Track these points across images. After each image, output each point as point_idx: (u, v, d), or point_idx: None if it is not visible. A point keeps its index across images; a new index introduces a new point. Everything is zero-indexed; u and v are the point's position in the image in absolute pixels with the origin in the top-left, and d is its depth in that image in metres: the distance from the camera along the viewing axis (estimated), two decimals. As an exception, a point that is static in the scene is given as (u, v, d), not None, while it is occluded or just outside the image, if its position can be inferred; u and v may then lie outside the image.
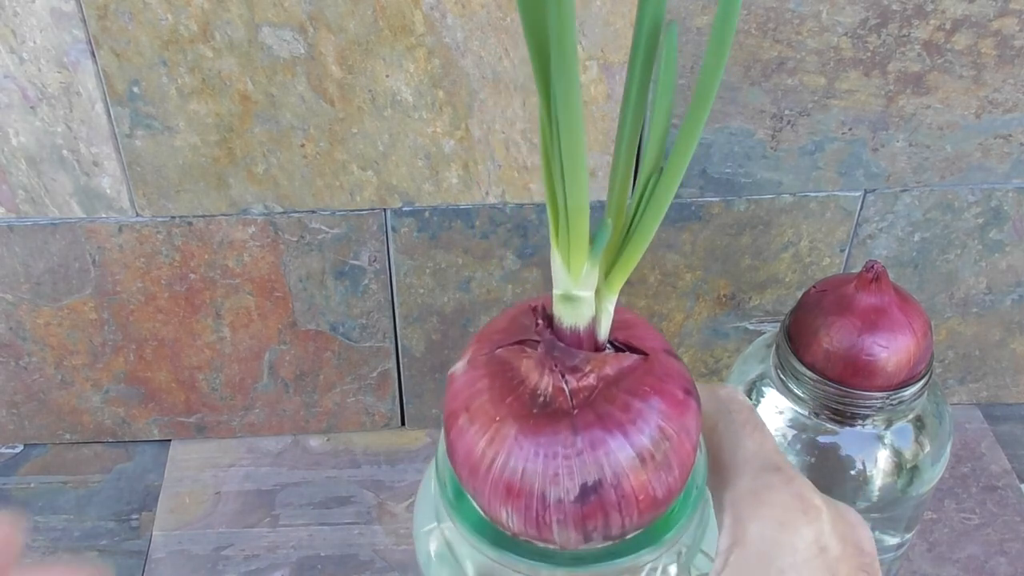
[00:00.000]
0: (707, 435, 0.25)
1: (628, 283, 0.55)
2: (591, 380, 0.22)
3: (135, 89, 0.46)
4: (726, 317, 0.57)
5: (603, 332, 0.23)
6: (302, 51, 0.45)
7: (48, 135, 0.47)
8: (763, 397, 0.45)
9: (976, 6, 0.46)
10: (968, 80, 0.48)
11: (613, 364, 0.22)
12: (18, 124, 0.47)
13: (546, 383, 0.22)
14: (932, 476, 0.44)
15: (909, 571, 0.53)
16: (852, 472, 0.43)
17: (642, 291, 0.55)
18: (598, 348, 0.23)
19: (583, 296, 0.22)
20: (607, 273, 0.23)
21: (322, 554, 0.55)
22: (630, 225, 0.22)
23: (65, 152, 0.48)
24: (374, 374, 0.58)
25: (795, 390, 0.43)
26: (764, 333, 0.53)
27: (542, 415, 0.22)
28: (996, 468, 0.59)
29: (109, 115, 0.47)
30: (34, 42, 0.45)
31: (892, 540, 0.46)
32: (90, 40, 0.45)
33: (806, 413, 0.43)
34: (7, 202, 0.50)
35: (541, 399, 0.22)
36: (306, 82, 0.46)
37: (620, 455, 0.21)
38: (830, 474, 0.44)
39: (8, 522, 0.20)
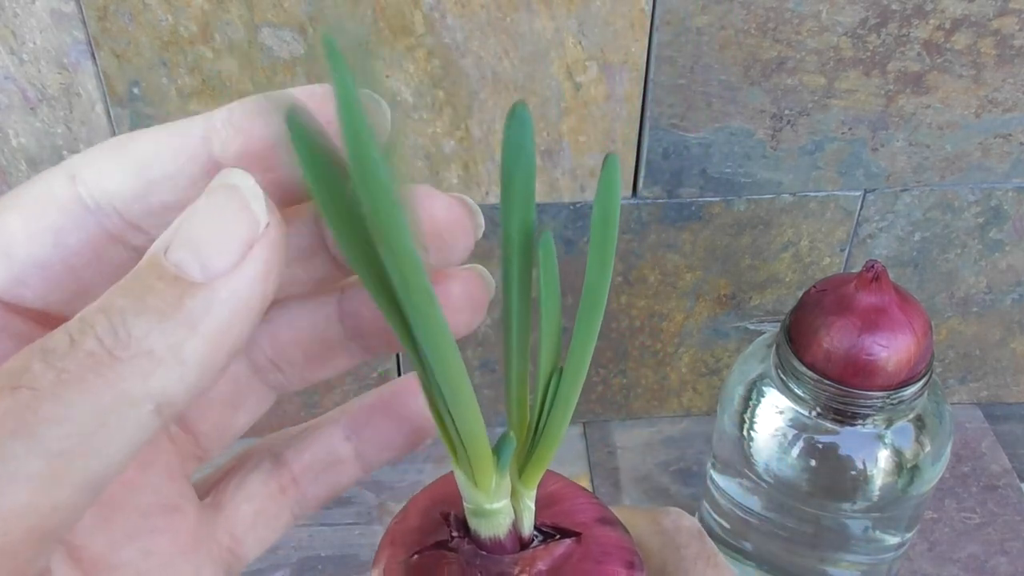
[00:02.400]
0: None
1: (628, 283, 0.55)
2: None
3: (135, 90, 0.46)
4: (726, 317, 0.57)
5: (527, 528, 0.21)
6: (302, 52, 0.45)
7: (48, 136, 0.47)
8: (763, 397, 0.45)
9: (976, 5, 0.46)
10: (968, 80, 0.48)
11: (544, 558, 0.21)
12: (18, 125, 0.47)
13: None
14: (932, 475, 0.44)
15: (910, 571, 0.53)
16: (852, 472, 0.43)
17: (642, 291, 0.55)
18: (524, 544, 0.21)
19: (497, 508, 0.20)
20: (521, 472, 0.21)
21: (322, 554, 0.55)
22: (536, 427, 0.20)
23: (65, 153, 0.48)
24: (374, 375, 0.58)
25: (795, 390, 0.43)
26: (764, 333, 0.53)
27: None
28: (996, 467, 0.59)
29: (109, 116, 0.47)
30: (34, 43, 0.45)
31: (892, 540, 0.46)
32: (90, 41, 0.45)
33: (806, 413, 0.43)
34: (7, 203, 0.50)
35: None
36: (306, 83, 0.46)
37: None
38: (830, 474, 0.44)
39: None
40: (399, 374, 0.58)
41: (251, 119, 0.17)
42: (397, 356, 0.57)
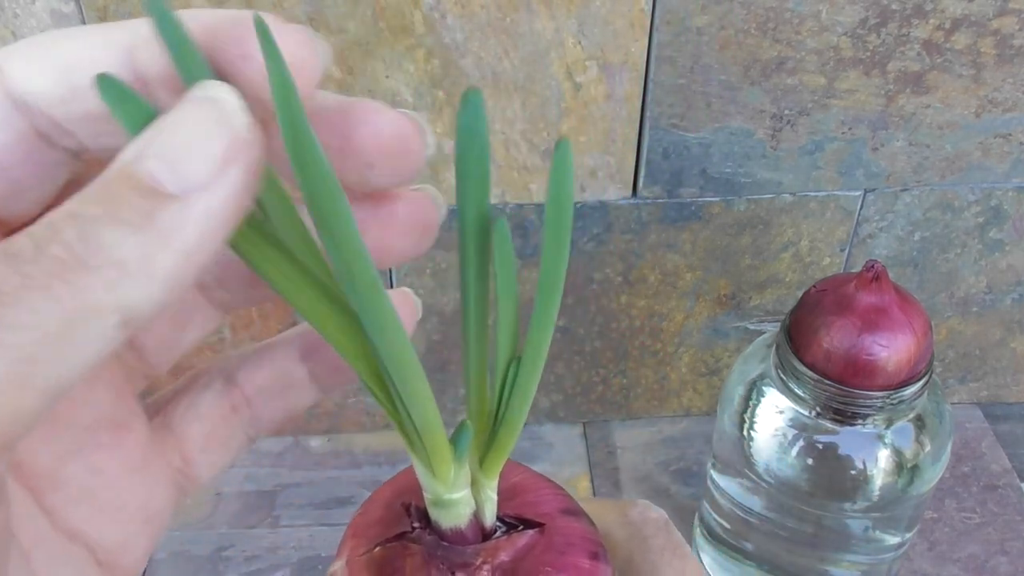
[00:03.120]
0: (622, 570, 0.23)
1: (628, 283, 0.55)
2: (485, 573, 0.20)
3: (135, 90, 0.46)
4: (726, 317, 0.57)
5: (489, 518, 0.21)
6: (302, 52, 0.45)
7: (48, 136, 0.47)
8: (763, 397, 0.45)
9: (975, 5, 0.46)
10: (968, 79, 0.48)
11: (507, 549, 0.20)
12: (18, 125, 0.47)
13: None
14: (932, 475, 0.44)
15: (910, 570, 0.53)
16: (852, 472, 0.43)
17: (642, 291, 0.55)
18: (486, 534, 0.21)
19: (457, 498, 0.20)
20: (481, 462, 0.20)
21: (323, 555, 0.55)
22: (496, 415, 0.20)
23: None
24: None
25: (795, 390, 0.43)
26: (764, 333, 0.53)
27: None
28: (996, 467, 0.59)
29: (109, 116, 0.47)
30: (34, 43, 0.45)
31: (893, 540, 0.46)
32: (90, 41, 0.45)
33: (806, 413, 0.43)
34: (7, 203, 0.50)
35: None
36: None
37: None
38: (830, 474, 0.44)
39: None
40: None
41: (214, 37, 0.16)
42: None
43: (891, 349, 0.40)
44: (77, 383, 0.14)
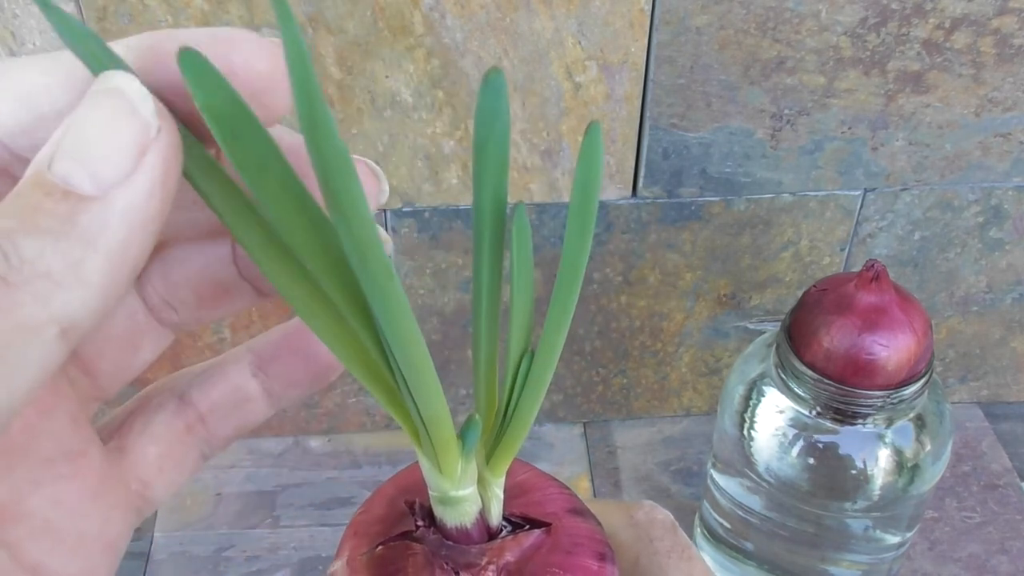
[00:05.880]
0: (628, 572, 0.23)
1: (628, 283, 0.55)
2: (491, 574, 0.20)
3: (135, 90, 0.46)
4: (726, 317, 0.57)
5: (495, 517, 0.20)
6: (302, 52, 0.45)
7: (48, 137, 0.47)
8: (763, 396, 0.45)
9: (975, 5, 0.46)
10: (967, 79, 0.48)
11: (513, 548, 0.20)
12: (18, 126, 0.47)
13: None
14: (933, 475, 0.44)
15: (910, 570, 0.53)
16: (853, 471, 0.43)
17: (642, 291, 0.55)
18: (492, 534, 0.20)
19: (463, 495, 0.19)
20: (488, 459, 0.20)
21: (323, 555, 0.55)
22: (506, 410, 0.20)
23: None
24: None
25: (796, 389, 0.43)
26: (764, 332, 0.53)
27: None
28: (997, 467, 0.59)
29: (109, 117, 0.47)
30: (34, 44, 0.45)
31: (893, 539, 0.46)
32: (90, 42, 0.45)
33: (807, 412, 0.43)
34: (7, 204, 0.50)
35: None
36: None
37: None
38: (831, 473, 0.44)
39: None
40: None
41: (153, 55, 0.16)
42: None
43: (891, 349, 0.40)
44: (27, 403, 0.14)
